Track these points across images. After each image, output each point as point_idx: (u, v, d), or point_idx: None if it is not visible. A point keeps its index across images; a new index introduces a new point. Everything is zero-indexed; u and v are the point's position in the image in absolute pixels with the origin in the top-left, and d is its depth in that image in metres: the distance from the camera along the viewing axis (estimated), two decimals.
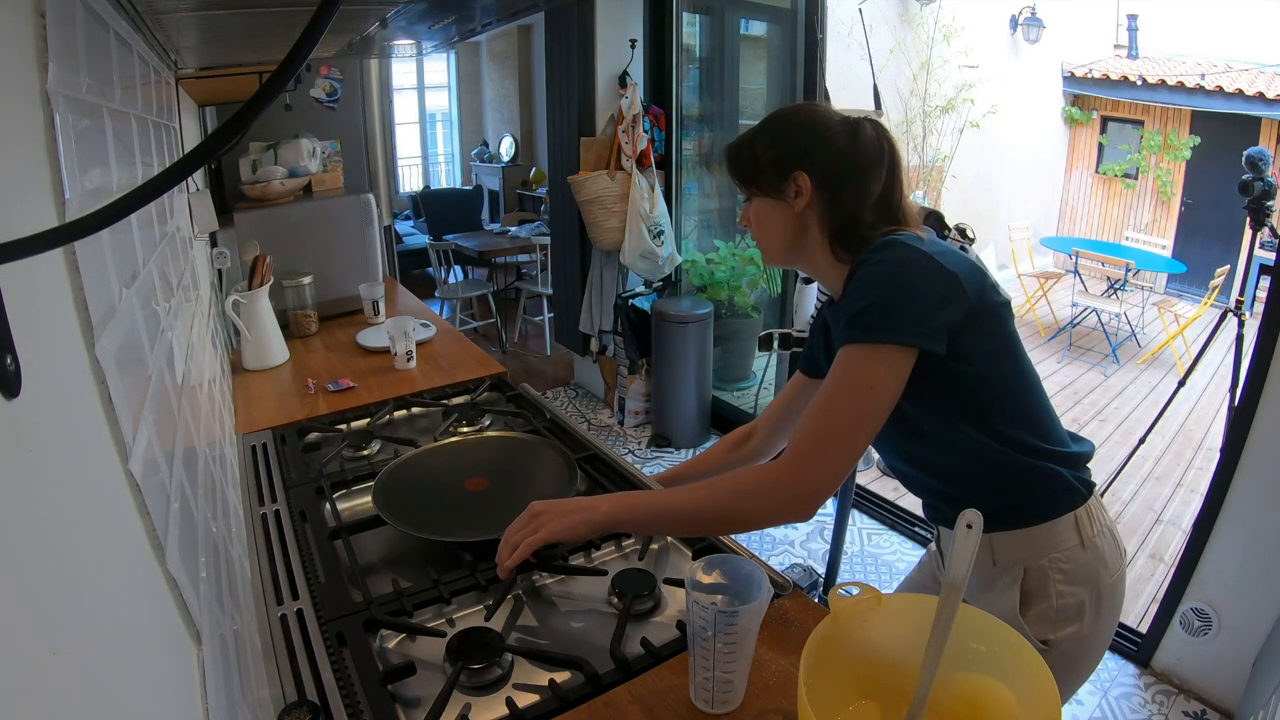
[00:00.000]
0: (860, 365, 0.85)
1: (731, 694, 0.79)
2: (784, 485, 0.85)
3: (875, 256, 0.89)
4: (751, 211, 1.02)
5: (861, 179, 0.95)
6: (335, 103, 3.31)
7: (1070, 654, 0.96)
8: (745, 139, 1.01)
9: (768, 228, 1.01)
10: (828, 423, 0.85)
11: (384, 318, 2.21)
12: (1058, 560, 0.95)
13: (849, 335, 0.86)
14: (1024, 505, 0.96)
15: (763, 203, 0.99)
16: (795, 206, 0.97)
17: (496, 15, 1.74)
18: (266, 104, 0.31)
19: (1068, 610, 0.95)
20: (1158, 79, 6.16)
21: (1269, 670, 1.68)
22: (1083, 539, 0.95)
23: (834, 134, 0.95)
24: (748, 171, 1.00)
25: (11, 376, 0.32)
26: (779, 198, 0.97)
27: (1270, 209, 2.60)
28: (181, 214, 1.40)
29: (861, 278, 0.89)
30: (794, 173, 0.95)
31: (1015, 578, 0.96)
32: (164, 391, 0.67)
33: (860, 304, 0.86)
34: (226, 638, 0.66)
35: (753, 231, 1.03)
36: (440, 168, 7.57)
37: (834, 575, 2.30)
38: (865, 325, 0.85)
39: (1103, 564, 0.97)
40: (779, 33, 3.59)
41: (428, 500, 1.16)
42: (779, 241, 1.01)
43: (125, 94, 0.79)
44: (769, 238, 1.02)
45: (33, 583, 0.31)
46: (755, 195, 1.00)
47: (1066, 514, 0.95)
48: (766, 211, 1.00)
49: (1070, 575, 0.95)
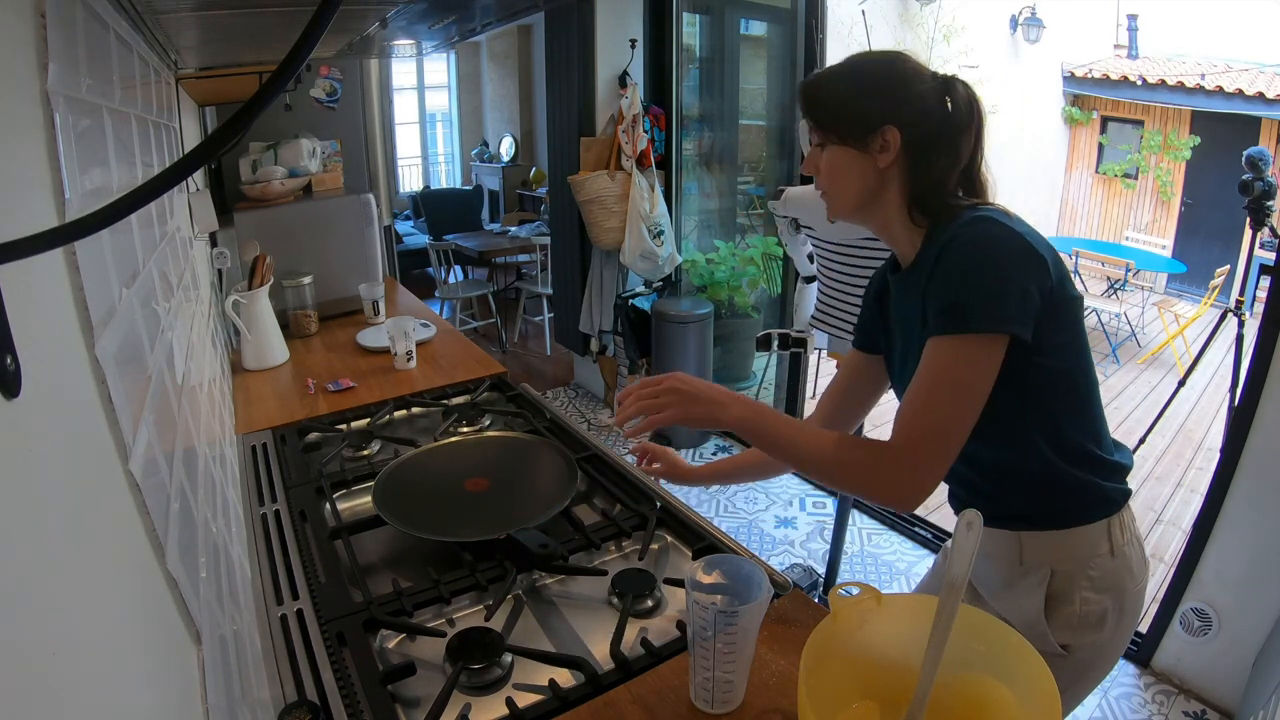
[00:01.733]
0: (958, 357, 0.82)
1: (731, 694, 0.79)
2: (887, 479, 0.83)
3: (967, 235, 0.83)
4: (823, 159, 0.94)
5: (952, 142, 0.90)
6: (335, 103, 3.30)
7: (1087, 661, 0.95)
8: (826, 80, 0.93)
9: (842, 180, 0.93)
10: (930, 423, 0.82)
11: (384, 318, 2.20)
12: (1086, 567, 0.93)
13: (945, 325, 0.82)
14: (1061, 510, 0.94)
15: (840, 152, 0.91)
16: (879, 162, 0.90)
17: (496, 15, 1.74)
18: (266, 104, 0.31)
19: (1090, 617, 0.93)
20: (1158, 79, 6.16)
21: (1269, 670, 1.68)
22: (1113, 547, 0.93)
23: (927, 90, 0.89)
24: (829, 116, 0.92)
25: (11, 376, 0.32)
26: (861, 149, 0.90)
27: (1270, 209, 2.60)
28: (181, 214, 1.40)
29: (956, 260, 0.83)
30: (884, 127, 0.88)
31: (1042, 579, 0.94)
32: (164, 391, 0.67)
33: (955, 291, 0.82)
34: (226, 638, 0.66)
35: (820, 180, 0.96)
36: (440, 168, 7.57)
37: (834, 575, 2.30)
38: (962, 314, 0.81)
39: (1129, 573, 0.95)
40: (779, 33, 3.59)
41: (428, 500, 1.16)
42: (853, 196, 0.94)
43: (125, 94, 0.79)
44: (842, 190, 0.94)
45: (33, 583, 0.31)
46: (833, 143, 0.92)
47: (1100, 521, 0.93)
48: (843, 162, 0.92)
49: (1097, 582, 0.93)
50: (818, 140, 0.94)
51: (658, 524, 1.12)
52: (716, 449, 3.47)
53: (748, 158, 3.99)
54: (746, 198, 4.05)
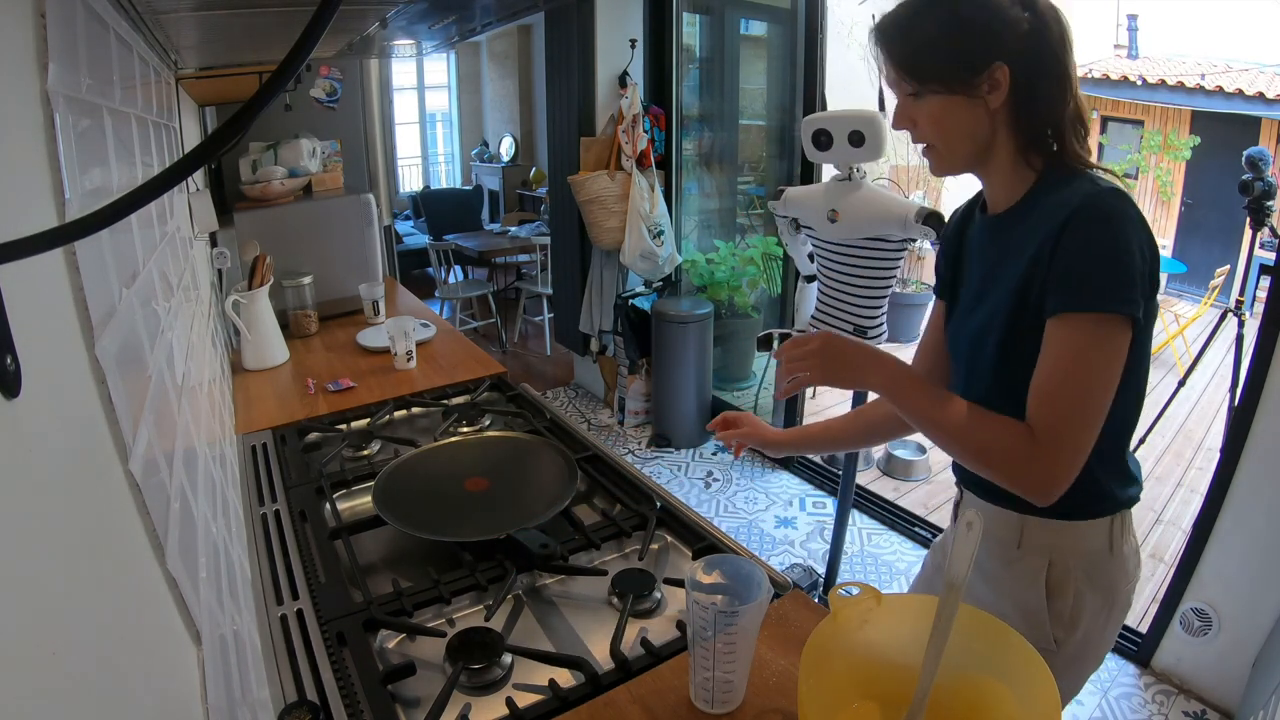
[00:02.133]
0: (1090, 338, 0.78)
1: (731, 694, 0.79)
2: (1026, 469, 0.80)
3: (1101, 207, 0.78)
4: (923, 111, 0.85)
5: (1056, 66, 0.82)
6: (335, 103, 3.30)
7: (1076, 657, 0.96)
8: (907, 19, 0.84)
9: (953, 130, 0.85)
10: (1066, 409, 0.79)
11: (384, 318, 2.21)
12: (1084, 561, 0.93)
13: (1074, 300, 0.78)
14: (1072, 501, 0.89)
15: (945, 101, 0.83)
16: (990, 104, 0.82)
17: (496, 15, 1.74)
18: (266, 104, 0.31)
19: (1082, 613, 0.93)
20: (1158, 79, 6.16)
21: (1269, 670, 1.68)
22: (1111, 545, 0.93)
23: (1017, 14, 0.81)
24: (925, 62, 0.82)
25: (11, 376, 0.32)
26: (969, 94, 0.82)
27: (1270, 209, 2.60)
28: (181, 214, 1.40)
29: (1089, 233, 0.78)
30: (992, 64, 0.80)
31: (1039, 569, 0.94)
32: (164, 391, 0.67)
33: (1088, 265, 0.77)
34: (226, 638, 0.66)
35: (922, 134, 0.87)
36: (440, 168, 7.58)
37: (834, 575, 2.30)
38: (1093, 291, 0.77)
39: (1124, 573, 0.95)
40: (779, 33, 3.59)
41: (428, 500, 1.16)
42: (967, 146, 0.86)
43: (125, 94, 0.79)
44: (953, 142, 0.86)
45: (33, 583, 0.31)
46: (934, 92, 0.83)
47: (1104, 518, 0.93)
48: (950, 110, 0.83)
49: (1092, 578, 0.93)
50: (910, 90, 0.84)
51: (658, 524, 1.12)
52: (716, 449, 3.47)
53: (748, 158, 3.99)
54: (746, 198, 4.05)
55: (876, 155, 1.82)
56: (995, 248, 0.92)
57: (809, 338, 0.91)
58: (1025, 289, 0.84)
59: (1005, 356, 0.89)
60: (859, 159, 1.85)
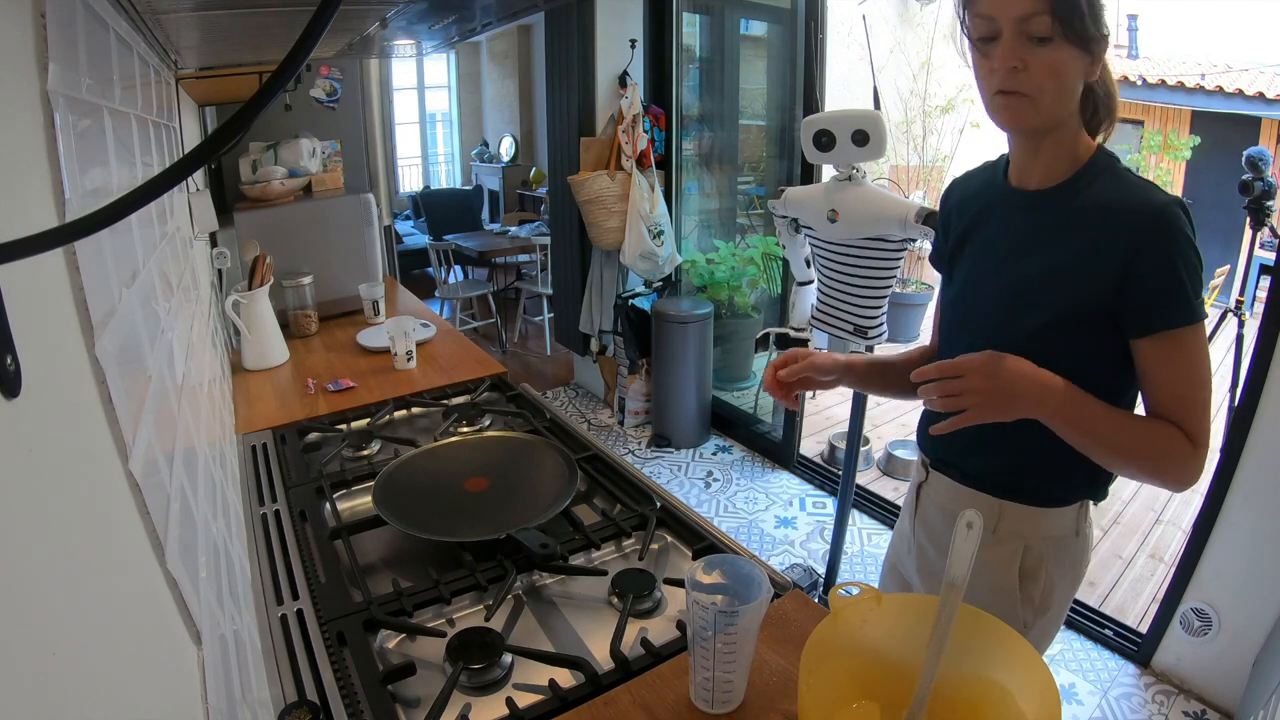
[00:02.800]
0: (1200, 344, 0.84)
1: (731, 694, 0.79)
2: (1188, 469, 0.85)
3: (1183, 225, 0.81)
4: (1044, 58, 0.81)
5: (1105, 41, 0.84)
6: (335, 103, 3.30)
7: (1039, 637, 1.00)
8: None
9: (1064, 84, 0.83)
10: (1205, 413, 0.85)
11: (384, 318, 2.21)
12: (1056, 546, 0.97)
13: (1182, 317, 0.82)
14: (1055, 489, 0.97)
15: (1069, 53, 0.81)
16: (1091, 73, 0.84)
17: (496, 15, 1.73)
18: (266, 104, 0.31)
19: (1050, 596, 0.98)
20: (1158, 79, 6.16)
21: (1269, 670, 1.68)
22: (1078, 529, 0.98)
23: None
24: (1079, 10, 0.79)
25: (11, 376, 0.32)
26: (1092, 54, 0.82)
27: (1270, 209, 2.60)
28: (181, 214, 1.40)
29: (1178, 251, 0.81)
30: (1104, 30, 0.82)
31: (1015, 553, 0.98)
32: (164, 391, 0.67)
33: (1188, 281, 0.81)
34: (226, 638, 0.66)
35: (1032, 81, 0.82)
36: (440, 168, 7.57)
37: (834, 575, 2.30)
38: (1195, 306, 0.82)
39: (1084, 553, 1.00)
40: (779, 33, 3.59)
41: (428, 500, 1.16)
42: (1066, 104, 0.85)
43: (125, 94, 0.79)
44: (1061, 98, 0.84)
45: (33, 583, 0.31)
46: (1070, 42, 0.80)
47: (1075, 504, 0.97)
48: (1072, 65, 0.82)
49: (1060, 559, 0.98)
50: (1044, 33, 0.80)
51: (658, 524, 1.12)
52: (716, 449, 3.47)
53: (748, 158, 3.99)
54: (746, 198, 4.05)
55: (878, 155, 1.82)
56: (1029, 223, 0.92)
57: (963, 363, 0.83)
58: (1081, 290, 0.86)
59: (1041, 341, 0.89)
60: (863, 158, 1.85)
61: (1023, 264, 0.92)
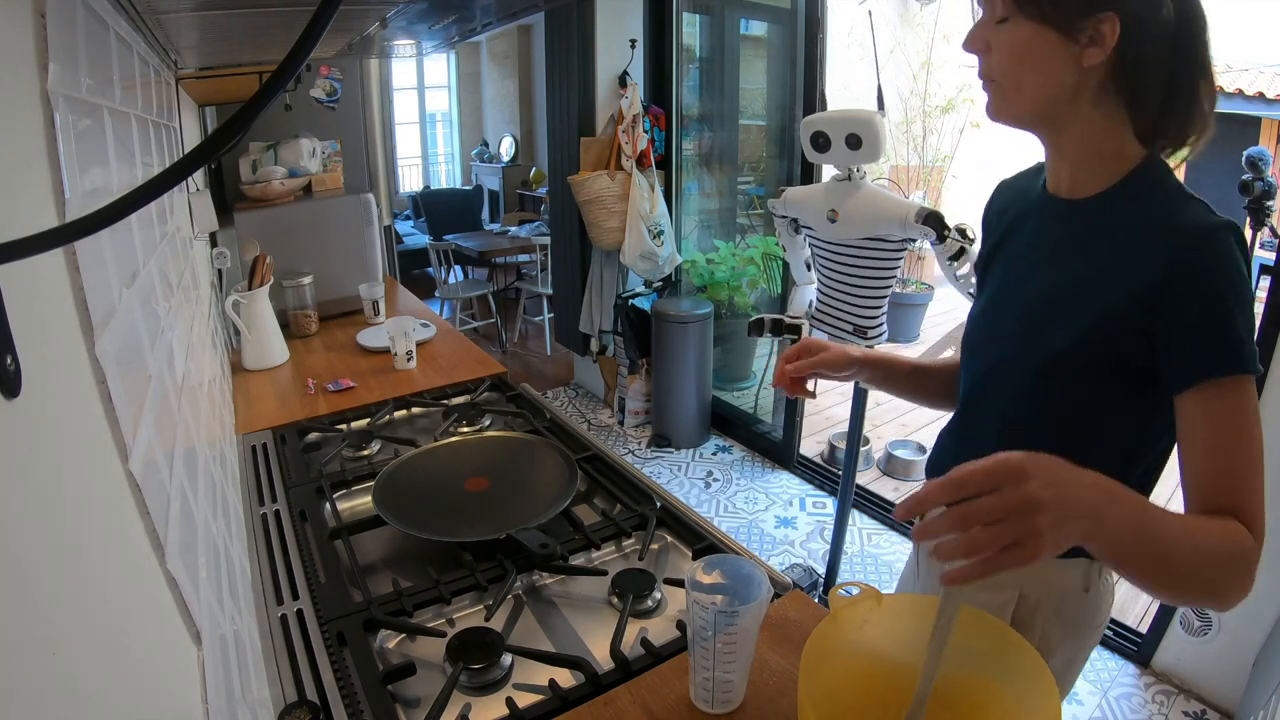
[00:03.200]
0: (1250, 401, 0.69)
1: (731, 694, 0.79)
2: (1253, 572, 0.66)
3: (1233, 256, 0.69)
4: (1003, 38, 0.73)
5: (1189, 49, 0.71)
6: (335, 103, 3.30)
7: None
8: None
9: (1028, 70, 0.73)
10: (1259, 490, 0.69)
11: (384, 318, 2.21)
12: (1056, 600, 0.87)
13: (1230, 363, 0.68)
14: None
15: (1033, 32, 0.71)
16: (1084, 59, 0.70)
17: (496, 15, 1.73)
18: (266, 104, 0.31)
19: (1049, 654, 0.87)
20: None
21: (1269, 670, 1.68)
22: (1088, 584, 0.87)
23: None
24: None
25: (11, 376, 0.32)
26: (1065, 35, 0.70)
27: (1270, 209, 2.60)
28: (181, 214, 1.40)
29: (1226, 287, 0.68)
30: (1104, 13, 0.68)
31: (1007, 602, 0.87)
32: (164, 391, 0.67)
33: (1231, 324, 0.68)
34: (226, 638, 0.66)
35: (993, 63, 0.75)
36: (440, 168, 7.57)
37: (834, 575, 2.30)
38: (1243, 354, 0.68)
39: (1096, 612, 0.89)
40: (779, 33, 3.59)
41: (428, 500, 1.16)
42: (1037, 95, 0.74)
43: (125, 94, 0.79)
44: (1025, 84, 0.74)
45: (33, 583, 0.31)
46: (1028, 17, 0.71)
47: (1084, 558, 0.82)
48: (1034, 45, 0.71)
49: (1062, 616, 0.87)
50: (1002, 12, 0.73)
51: (658, 524, 1.12)
52: (716, 449, 3.47)
53: (748, 158, 3.99)
54: (746, 198, 4.05)
55: (875, 157, 1.82)
56: (1062, 234, 0.81)
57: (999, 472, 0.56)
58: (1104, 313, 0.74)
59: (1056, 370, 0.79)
60: (858, 160, 1.85)
61: (1049, 276, 0.82)
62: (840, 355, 0.94)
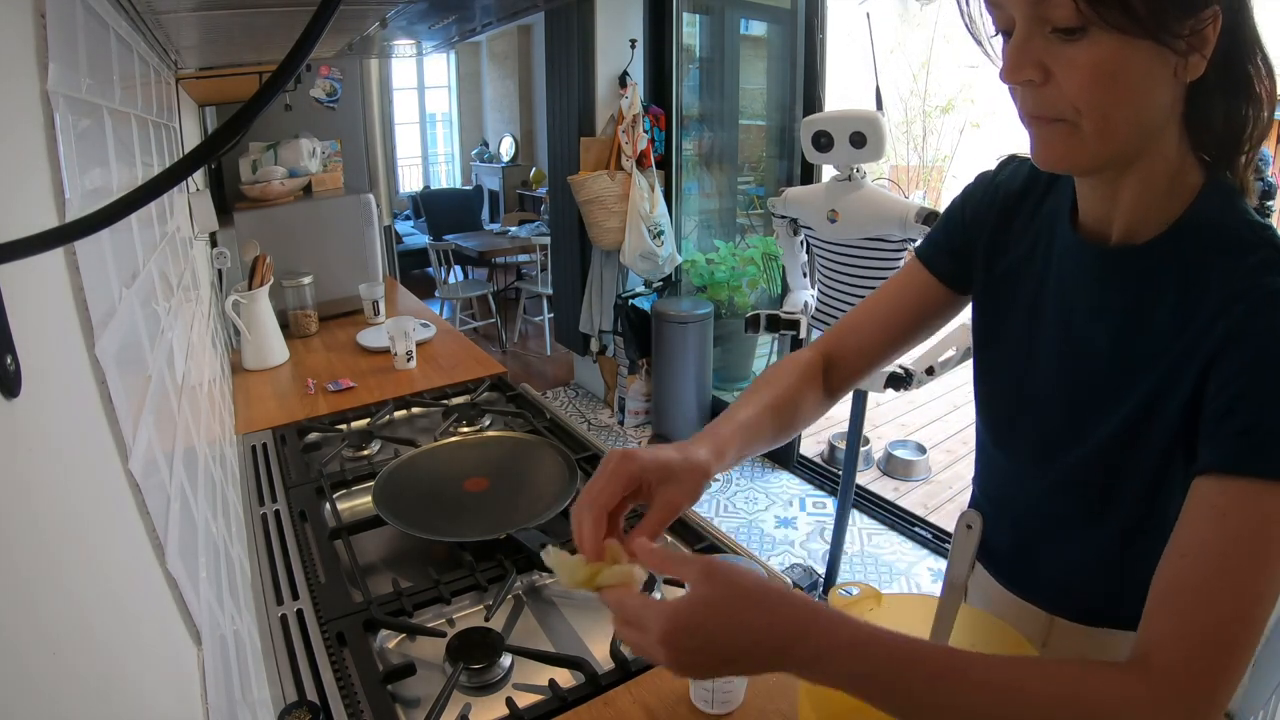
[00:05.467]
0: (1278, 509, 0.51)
1: (731, 694, 0.79)
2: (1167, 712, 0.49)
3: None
4: (1077, 57, 0.52)
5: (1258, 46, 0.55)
6: (335, 103, 3.30)
7: None
8: None
9: (1122, 96, 0.53)
10: (1232, 611, 0.50)
11: (384, 318, 2.21)
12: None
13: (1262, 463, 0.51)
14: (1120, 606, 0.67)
15: (1125, 45, 0.51)
16: (1189, 70, 0.53)
17: (496, 15, 1.73)
18: (266, 104, 0.31)
19: None
20: None
21: (1269, 670, 1.68)
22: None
23: None
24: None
25: (11, 376, 0.32)
26: (1166, 43, 0.51)
27: (1270, 209, 2.60)
28: (181, 214, 1.40)
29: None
30: (1208, 8, 0.51)
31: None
32: (164, 391, 0.67)
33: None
34: (226, 638, 0.66)
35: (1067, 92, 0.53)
36: (440, 168, 7.58)
37: (834, 575, 2.30)
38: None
39: None
40: (779, 33, 3.59)
41: (428, 500, 1.16)
42: (1132, 126, 0.55)
43: (125, 94, 0.79)
44: (1118, 116, 0.54)
45: (33, 583, 0.31)
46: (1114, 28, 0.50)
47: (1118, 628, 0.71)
48: (1129, 64, 0.52)
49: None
50: (1070, 21, 0.51)
51: None
52: None
53: (748, 158, 3.99)
54: (746, 198, 4.05)
55: (876, 156, 1.83)
56: (1105, 286, 0.64)
57: (640, 614, 0.54)
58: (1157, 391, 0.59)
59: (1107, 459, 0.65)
60: (859, 160, 1.85)
61: (1090, 339, 0.65)
62: (691, 489, 0.67)
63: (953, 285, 0.78)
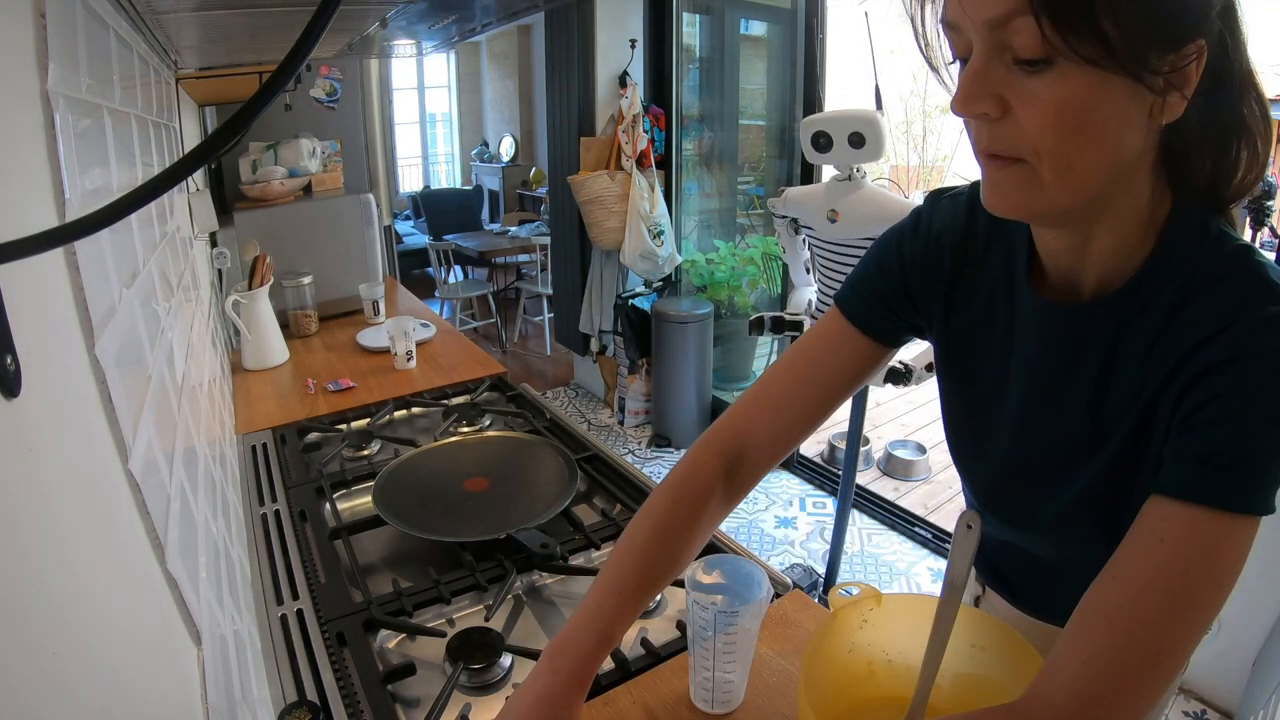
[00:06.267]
0: (1221, 542, 0.50)
1: (731, 694, 0.79)
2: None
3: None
4: (1046, 90, 0.47)
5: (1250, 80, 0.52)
6: (335, 103, 3.30)
7: None
8: None
9: (1090, 137, 0.48)
10: (1151, 641, 0.49)
11: (384, 318, 2.21)
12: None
13: (1251, 501, 0.49)
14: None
15: (1098, 82, 0.46)
16: (1163, 112, 0.48)
17: (496, 15, 1.73)
18: (266, 104, 0.31)
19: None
20: None
21: (1269, 670, 1.68)
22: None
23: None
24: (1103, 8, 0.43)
25: (11, 376, 0.32)
26: (1142, 80, 0.46)
27: (1270, 209, 2.60)
28: (181, 214, 1.40)
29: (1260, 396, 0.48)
30: (1191, 42, 0.47)
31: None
32: (164, 391, 0.67)
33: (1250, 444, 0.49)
34: (226, 638, 0.66)
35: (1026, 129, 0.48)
36: (440, 168, 7.58)
37: (834, 575, 2.30)
38: (1249, 488, 0.49)
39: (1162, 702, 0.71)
40: (779, 33, 3.59)
41: (428, 500, 1.16)
42: (1099, 171, 0.50)
43: (125, 94, 0.79)
44: (1083, 159, 0.49)
45: (32, 583, 0.31)
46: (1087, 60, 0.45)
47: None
48: (1099, 101, 0.47)
49: None
50: (1036, 52, 0.46)
51: None
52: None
53: (748, 158, 3.99)
54: (746, 198, 4.05)
55: (877, 155, 1.83)
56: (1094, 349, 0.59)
57: None
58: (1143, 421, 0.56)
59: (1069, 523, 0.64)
60: (860, 159, 1.85)
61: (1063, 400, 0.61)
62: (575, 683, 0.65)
63: (888, 343, 0.72)
